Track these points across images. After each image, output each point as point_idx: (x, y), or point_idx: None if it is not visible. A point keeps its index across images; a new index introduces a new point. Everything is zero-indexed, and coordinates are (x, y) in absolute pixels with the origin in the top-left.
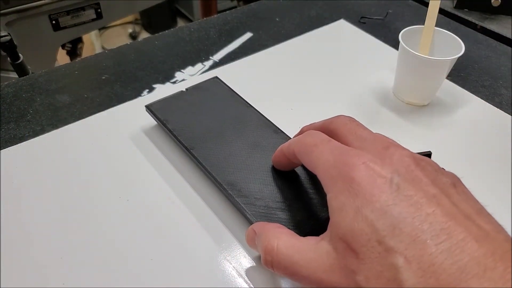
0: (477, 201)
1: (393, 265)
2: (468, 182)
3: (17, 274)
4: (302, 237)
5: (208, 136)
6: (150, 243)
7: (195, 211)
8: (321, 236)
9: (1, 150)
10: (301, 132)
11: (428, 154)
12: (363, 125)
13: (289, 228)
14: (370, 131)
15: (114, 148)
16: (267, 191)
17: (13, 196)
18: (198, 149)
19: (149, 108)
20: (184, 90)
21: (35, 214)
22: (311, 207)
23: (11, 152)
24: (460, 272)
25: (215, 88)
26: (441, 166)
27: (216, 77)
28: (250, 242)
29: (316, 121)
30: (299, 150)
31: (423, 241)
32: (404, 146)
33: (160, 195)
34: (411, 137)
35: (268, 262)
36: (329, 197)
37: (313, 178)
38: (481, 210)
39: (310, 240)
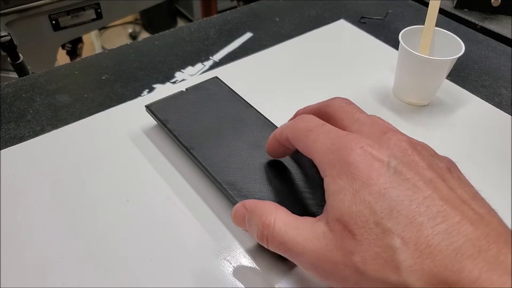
0: (471, 186)
1: (390, 246)
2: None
3: (17, 274)
4: (299, 216)
5: (208, 136)
6: (150, 243)
7: (195, 211)
8: (317, 217)
9: (1, 150)
10: (295, 116)
11: None
12: (359, 108)
13: None
14: (367, 114)
15: (114, 148)
16: (267, 191)
17: (13, 196)
18: (198, 149)
19: (149, 108)
20: (184, 90)
21: (35, 214)
22: (311, 207)
23: (11, 152)
24: (456, 253)
25: (215, 88)
26: None
27: (216, 77)
28: (239, 219)
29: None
30: (293, 135)
31: (420, 223)
32: None
33: (160, 195)
34: (411, 137)
35: (264, 237)
36: (326, 180)
37: (313, 178)
38: (475, 195)
39: (307, 219)
